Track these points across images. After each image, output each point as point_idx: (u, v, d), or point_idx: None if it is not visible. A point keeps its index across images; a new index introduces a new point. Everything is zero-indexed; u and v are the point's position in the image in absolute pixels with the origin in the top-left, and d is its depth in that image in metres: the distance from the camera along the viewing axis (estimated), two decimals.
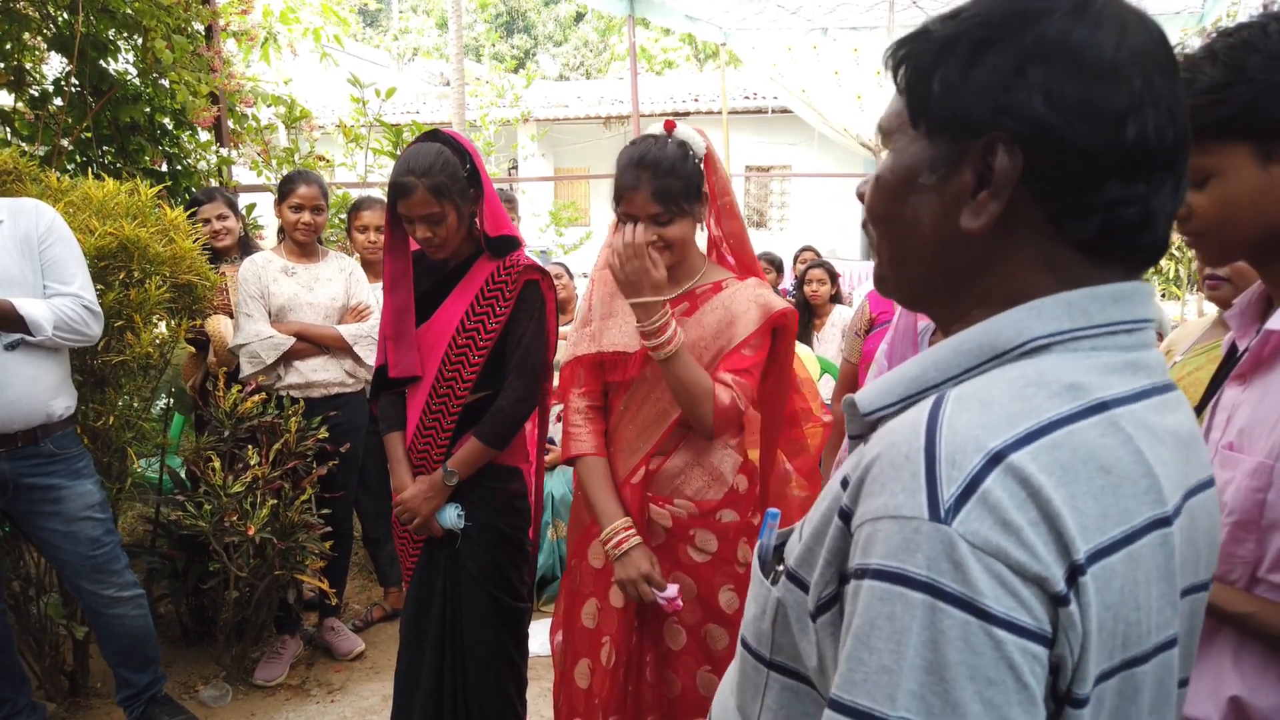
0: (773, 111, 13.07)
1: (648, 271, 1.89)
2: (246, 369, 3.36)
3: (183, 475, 3.69)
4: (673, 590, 2.02)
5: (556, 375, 2.32)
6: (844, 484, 0.72)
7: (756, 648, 0.83)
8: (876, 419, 0.76)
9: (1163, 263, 9.89)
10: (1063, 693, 0.65)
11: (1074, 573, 0.62)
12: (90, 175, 3.30)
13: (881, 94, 9.13)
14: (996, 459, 0.63)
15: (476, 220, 2.42)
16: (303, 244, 3.50)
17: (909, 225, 0.77)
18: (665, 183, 1.95)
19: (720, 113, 10.41)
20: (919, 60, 0.75)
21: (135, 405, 3.18)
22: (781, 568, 0.81)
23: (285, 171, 4.80)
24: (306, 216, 3.45)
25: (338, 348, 3.47)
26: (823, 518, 0.75)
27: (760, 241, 12.89)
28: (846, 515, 0.71)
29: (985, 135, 0.71)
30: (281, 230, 3.58)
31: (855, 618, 0.66)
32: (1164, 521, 0.68)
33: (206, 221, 3.65)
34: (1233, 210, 1.15)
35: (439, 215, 2.31)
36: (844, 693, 0.65)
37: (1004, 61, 0.70)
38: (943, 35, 0.74)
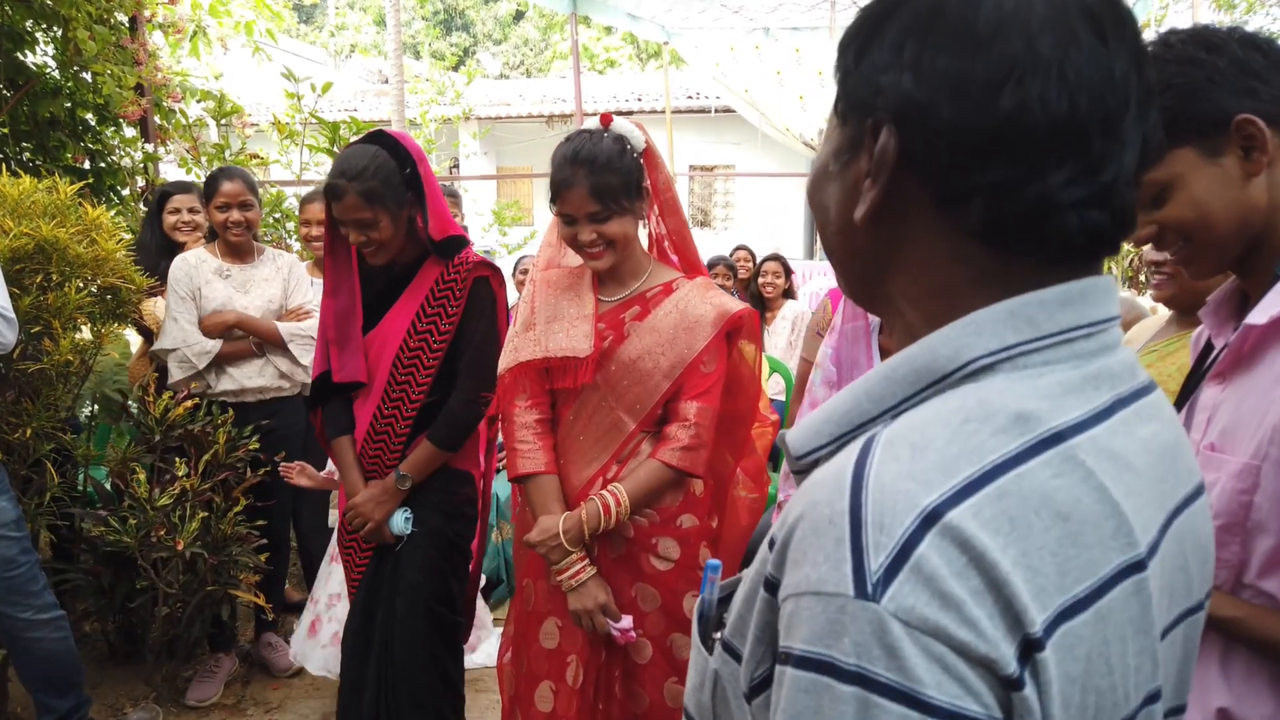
0: (716, 111, 13.12)
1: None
2: (176, 374, 3.21)
3: (108, 487, 3.51)
4: (627, 622, 1.96)
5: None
6: (771, 544, 0.63)
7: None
8: (810, 462, 0.67)
9: None
10: None
11: (1029, 648, 0.54)
12: (5, 173, 3.13)
13: (824, 94, 9.18)
14: (931, 519, 0.54)
15: (419, 223, 2.32)
16: (236, 244, 3.35)
17: (822, 213, 0.73)
18: (603, 179, 1.89)
19: (664, 112, 10.39)
20: (840, 44, 0.70)
21: (59, 414, 3.02)
22: (718, 635, 0.72)
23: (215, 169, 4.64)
24: (235, 214, 3.29)
25: (273, 342, 3.32)
26: (753, 581, 0.66)
27: (704, 241, 12.94)
28: (772, 586, 0.62)
29: (871, 118, 0.65)
30: (213, 232, 3.43)
31: (779, 712, 0.57)
32: (1137, 566, 0.60)
33: (176, 211, 3.60)
34: (1205, 210, 1.13)
35: (370, 220, 2.23)
36: None
37: (889, 38, 0.65)
38: (858, 18, 0.69)
